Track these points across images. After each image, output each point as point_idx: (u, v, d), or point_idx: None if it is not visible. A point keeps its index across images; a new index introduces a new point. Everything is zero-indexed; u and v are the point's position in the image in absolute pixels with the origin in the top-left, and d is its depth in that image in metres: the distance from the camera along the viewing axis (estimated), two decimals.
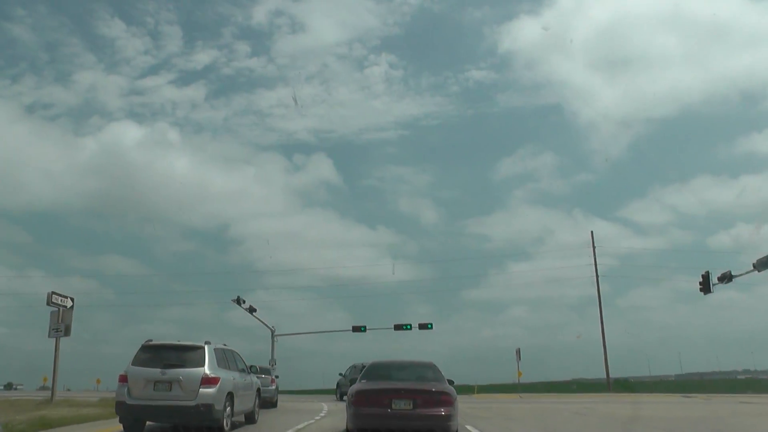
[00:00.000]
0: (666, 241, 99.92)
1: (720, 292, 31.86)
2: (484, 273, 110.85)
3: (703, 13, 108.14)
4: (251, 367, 15.69)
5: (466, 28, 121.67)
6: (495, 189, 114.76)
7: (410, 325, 47.26)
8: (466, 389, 51.78)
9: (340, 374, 34.29)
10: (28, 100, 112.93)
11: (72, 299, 22.88)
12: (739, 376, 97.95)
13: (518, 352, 42.43)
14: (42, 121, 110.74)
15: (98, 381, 66.80)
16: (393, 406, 10.87)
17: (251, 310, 45.71)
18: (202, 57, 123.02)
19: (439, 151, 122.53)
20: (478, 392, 46.30)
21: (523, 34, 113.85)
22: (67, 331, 21.83)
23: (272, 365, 47.01)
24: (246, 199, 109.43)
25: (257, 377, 16.15)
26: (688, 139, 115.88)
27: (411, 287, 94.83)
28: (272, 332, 47.90)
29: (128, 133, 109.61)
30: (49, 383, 30.47)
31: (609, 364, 47.94)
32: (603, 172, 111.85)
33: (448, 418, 10.89)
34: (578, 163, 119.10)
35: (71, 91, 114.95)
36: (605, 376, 48.56)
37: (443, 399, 11.08)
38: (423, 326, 47.18)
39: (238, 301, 44.44)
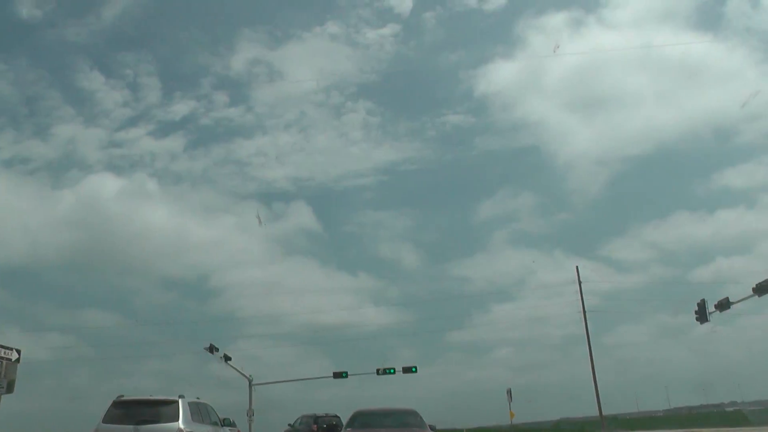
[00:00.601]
0: (648, 277, 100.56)
1: (703, 326, 31.03)
2: (467, 315, 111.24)
3: (673, 54, 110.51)
4: (224, 419, 15.08)
5: (442, 72, 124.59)
6: (475, 231, 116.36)
7: (393, 369, 45.56)
8: None
9: (289, 425, 31.88)
10: (7, 155, 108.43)
11: (18, 351, 20.56)
12: (727, 409, 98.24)
13: (509, 392, 40.83)
14: (20, 175, 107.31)
15: None
16: None
17: (226, 358, 43.72)
18: (181, 108, 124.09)
19: (418, 195, 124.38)
20: None
21: (498, 77, 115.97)
22: (9, 388, 19.62)
23: (250, 416, 44.78)
24: (226, 249, 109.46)
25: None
26: (665, 175, 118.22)
27: (394, 332, 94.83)
28: (249, 382, 45.72)
29: (106, 185, 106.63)
30: None
31: (594, 401, 46.36)
32: (582, 211, 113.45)
33: None
34: (557, 203, 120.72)
35: (50, 145, 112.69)
36: (594, 414, 46.94)
37: None
38: (407, 370, 45.48)
39: (211, 350, 42.35)
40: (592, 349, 45.35)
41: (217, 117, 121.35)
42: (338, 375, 45.57)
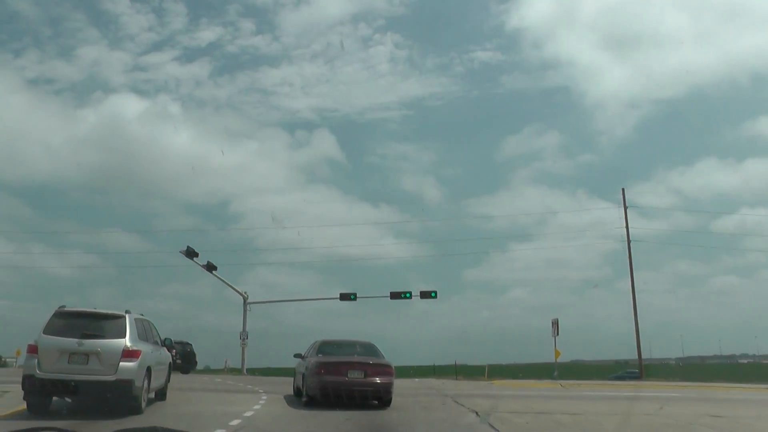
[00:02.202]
0: (669, 224, 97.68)
1: (722, 276, 25.38)
2: (486, 253, 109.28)
3: None
4: (165, 339, 14.62)
5: (473, 6, 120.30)
6: (499, 168, 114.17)
7: (410, 294, 40.20)
8: (473, 371, 44.60)
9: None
10: (31, 75, 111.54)
11: None
12: (740, 360, 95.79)
13: (556, 324, 33.87)
14: (44, 95, 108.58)
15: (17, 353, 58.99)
16: (349, 375, 13.62)
17: (210, 267, 37.66)
18: (207, 34, 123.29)
19: (443, 130, 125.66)
20: (490, 376, 39.07)
21: (531, 11, 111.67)
22: None
23: (242, 338, 39.19)
24: (248, 175, 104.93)
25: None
26: (696, 120, 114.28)
27: (412, 265, 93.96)
28: (244, 299, 40.00)
29: (129, 107, 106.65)
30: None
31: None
32: (608, 153, 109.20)
33: (390, 384, 13.92)
34: (583, 144, 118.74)
35: (74, 66, 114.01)
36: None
37: (386, 370, 14.09)
38: (426, 294, 39.99)
39: (189, 254, 36.21)
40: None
41: (243, 45, 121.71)
42: (345, 296, 40.09)
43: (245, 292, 40.02)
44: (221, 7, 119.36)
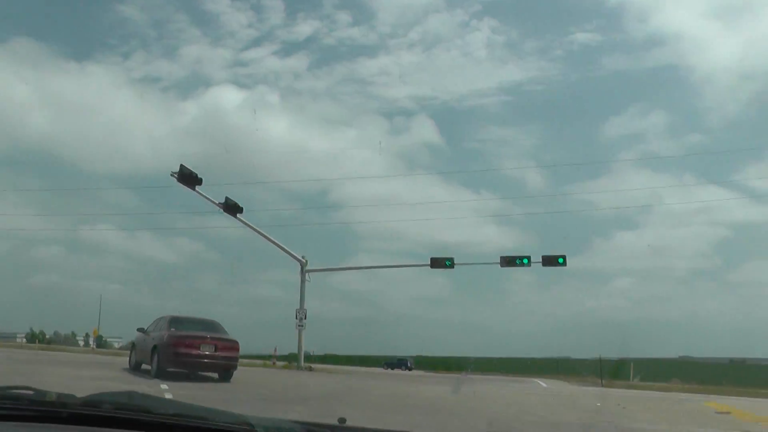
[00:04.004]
0: None
1: None
2: (589, 240, 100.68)
3: None
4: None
5: None
6: (601, 152, 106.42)
7: (527, 259, 28.88)
8: (588, 366, 32.99)
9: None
10: (138, 75, 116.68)
11: None
12: None
13: None
14: (149, 92, 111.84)
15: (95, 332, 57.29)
16: (201, 349, 14.18)
17: (235, 209, 27.04)
18: (304, 28, 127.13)
19: (542, 114, 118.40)
20: (612, 373, 28.09)
21: None
22: None
23: (299, 317, 29.12)
24: (346, 162, 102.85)
25: None
26: None
27: (513, 253, 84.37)
28: (302, 266, 29.93)
29: (230, 99, 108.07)
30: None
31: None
32: (718, 132, 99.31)
33: (236, 359, 15.03)
34: (691, 123, 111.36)
35: (177, 64, 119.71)
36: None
37: (234, 346, 14.98)
38: (550, 260, 28.64)
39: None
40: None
41: (340, 37, 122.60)
42: (439, 263, 29.37)
43: (303, 257, 30.06)
44: (317, 1, 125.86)
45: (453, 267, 29.23)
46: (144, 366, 15.91)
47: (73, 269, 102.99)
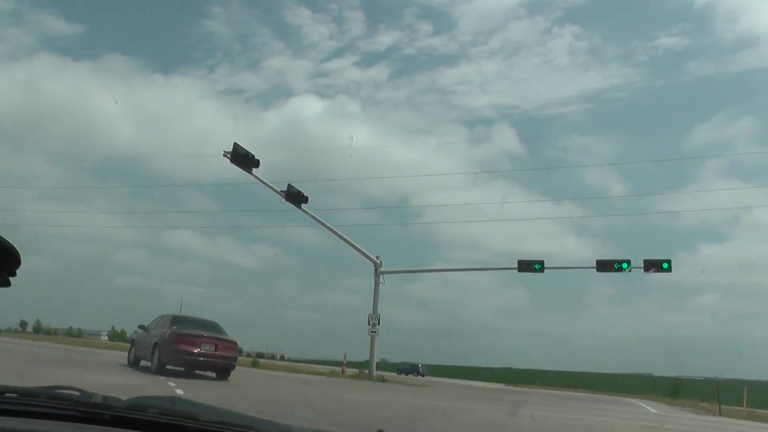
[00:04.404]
0: None
1: None
2: (672, 253, 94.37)
3: None
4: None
5: None
6: (686, 160, 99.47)
7: (627, 263, 25.56)
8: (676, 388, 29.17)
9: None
10: (222, 87, 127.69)
11: None
12: None
13: None
14: (232, 103, 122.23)
15: None
16: (202, 348, 14.58)
17: (299, 198, 24.68)
18: (385, 39, 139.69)
19: (625, 121, 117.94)
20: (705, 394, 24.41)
21: None
22: None
23: (372, 322, 26.87)
24: (427, 171, 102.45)
25: None
26: None
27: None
28: (376, 267, 27.69)
29: (311, 109, 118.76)
30: None
31: None
32: None
33: (235, 358, 15.49)
34: None
35: (260, 76, 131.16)
36: None
37: (233, 347, 15.49)
38: (653, 265, 25.19)
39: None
40: None
41: (421, 46, 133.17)
42: (527, 266, 26.35)
43: (378, 257, 27.81)
44: (398, 11, 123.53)
45: (543, 271, 26.21)
46: (143, 362, 16.38)
47: (156, 272, 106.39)
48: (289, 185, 24.19)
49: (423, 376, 55.08)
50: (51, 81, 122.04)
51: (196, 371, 14.90)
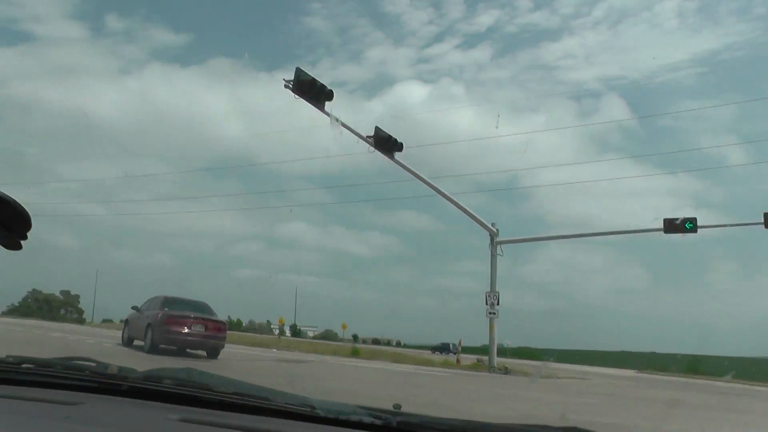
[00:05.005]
0: None
1: None
2: None
3: None
4: None
5: None
6: None
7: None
8: None
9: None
10: (325, 81, 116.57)
11: None
12: None
13: None
14: (337, 95, 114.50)
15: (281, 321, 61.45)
16: (192, 328, 15.22)
17: (390, 144, 20.74)
18: (485, 18, 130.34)
19: (743, 82, 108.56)
20: None
21: None
22: None
23: (491, 301, 23.47)
24: (535, 149, 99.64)
25: None
26: None
27: (714, 240, 79.92)
28: (492, 237, 24.29)
29: (415, 94, 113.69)
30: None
31: None
32: None
33: (224, 338, 15.96)
34: None
35: (363, 67, 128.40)
36: None
37: (222, 327, 16.08)
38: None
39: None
40: None
41: (522, 23, 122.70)
42: (676, 227, 22.16)
43: (493, 224, 24.40)
44: None
45: (696, 230, 22.00)
46: (136, 342, 16.94)
47: (272, 263, 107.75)
48: (377, 128, 20.41)
49: (455, 354, 51.30)
50: (161, 88, 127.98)
51: (187, 350, 15.62)
